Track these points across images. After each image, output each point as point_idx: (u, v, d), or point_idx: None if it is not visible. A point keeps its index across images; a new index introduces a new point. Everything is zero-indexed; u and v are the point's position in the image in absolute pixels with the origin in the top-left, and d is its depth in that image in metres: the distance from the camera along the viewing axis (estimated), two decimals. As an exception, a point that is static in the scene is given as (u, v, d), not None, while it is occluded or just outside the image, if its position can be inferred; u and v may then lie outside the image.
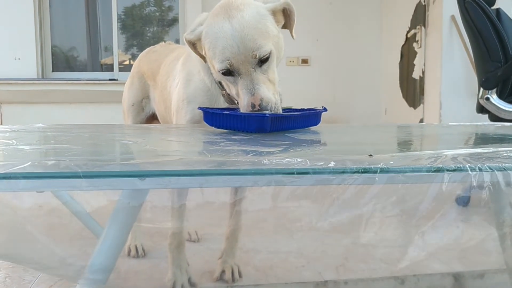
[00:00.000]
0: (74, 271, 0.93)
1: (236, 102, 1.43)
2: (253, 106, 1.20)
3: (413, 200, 0.88)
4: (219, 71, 1.26)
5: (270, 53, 1.27)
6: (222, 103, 1.47)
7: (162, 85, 1.74)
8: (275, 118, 1.17)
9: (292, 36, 1.41)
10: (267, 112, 1.18)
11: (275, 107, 1.21)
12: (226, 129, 1.24)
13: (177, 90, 1.56)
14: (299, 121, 1.27)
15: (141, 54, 2.07)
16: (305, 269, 1.83)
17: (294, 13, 1.40)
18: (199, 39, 1.33)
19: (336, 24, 5.14)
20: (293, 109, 1.34)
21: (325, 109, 1.32)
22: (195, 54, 1.49)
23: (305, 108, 1.38)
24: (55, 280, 1.64)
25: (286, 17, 1.38)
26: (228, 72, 1.26)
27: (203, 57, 1.40)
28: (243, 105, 1.22)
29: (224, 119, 1.23)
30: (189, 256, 1.69)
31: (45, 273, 1.56)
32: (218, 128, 1.25)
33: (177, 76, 1.60)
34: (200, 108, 1.29)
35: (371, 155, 0.81)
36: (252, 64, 1.24)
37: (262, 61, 1.25)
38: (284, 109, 1.29)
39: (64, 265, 0.94)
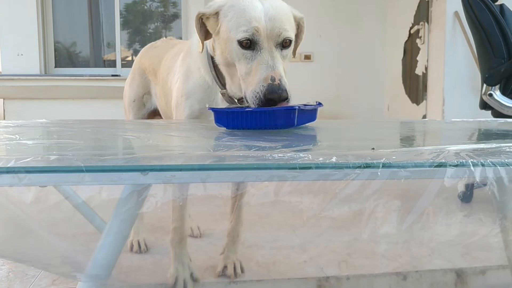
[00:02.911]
0: (77, 266, 0.94)
1: (236, 100, 1.43)
2: (273, 79, 1.17)
3: (415, 195, 0.88)
4: (240, 41, 1.23)
5: (291, 42, 1.27)
6: (221, 100, 1.46)
7: (163, 81, 1.74)
8: (301, 110, 1.14)
9: (294, 55, 1.41)
10: (296, 105, 1.14)
11: (289, 92, 1.19)
12: (245, 129, 1.14)
13: (176, 86, 1.56)
14: (309, 116, 1.26)
15: (142, 50, 2.07)
16: (307, 264, 1.84)
17: (304, 32, 1.41)
18: (216, 13, 1.31)
19: (339, 20, 5.12)
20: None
21: (320, 104, 1.30)
22: (195, 48, 1.49)
23: (297, 104, 1.34)
24: (58, 275, 1.64)
25: (296, 33, 1.38)
26: (248, 46, 1.24)
27: (204, 39, 1.37)
28: (258, 80, 1.19)
29: (245, 118, 1.13)
30: (191, 251, 1.69)
31: (47, 271, 1.56)
32: (234, 129, 1.15)
33: (177, 72, 1.60)
34: (210, 108, 1.23)
35: (373, 149, 0.81)
36: (275, 43, 1.23)
37: (284, 46, 1.26)
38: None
39: (66, 261, 0.94)
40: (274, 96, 1.16)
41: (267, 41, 1.22)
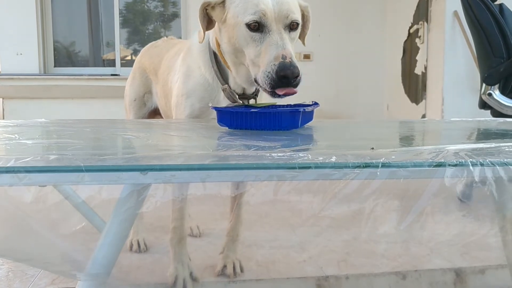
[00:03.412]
0: (77, 266, 0.94)
1: (237, 96, 1.43)
2: (284, 57, 1.18)
3: (414, 195, 0.88)
4: (248, 24, 1.24)
5: (298, 25, 1.29)
6: (222, 98, 1.47)
7: (163, 80, 1.74)
8: (304, 112, 1.16)
9: (303, 43, 1.42)
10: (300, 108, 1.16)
11: (300, 70, 1.20)
12: (248, 129, 1.15)
13: (177, 85, 1.57)
14: (308, 117, 1.26)
15: (143, 49, 2.07)
16: (306, 264, 1.84)
17: (310, 20, 1.41)
18: (223, 1, 1.32)
19: (339, 19, 5.12)
20: (277, 105, 1.29)
21: (317, 104, 1.30)
22: (195, 47, 1.49)
23: (292, 104, 1.34)
24: (57, 275, 1.64)
25: (302, 23, 1.38)
26: (256, 28, 1.24)
27: (205, 29, 1.37)
28: (268, 60, 1.20)
29: (249, 118, 1.15)
30: (190, 251, 1.69)
31: (47, 270, 1.56)
32: (237, 129, 1.16)
33: (177, 71, 1.60)
34: (214, 107, 1.23)
35: (372, 148, 0.81)
36: (283, 25, 1.25)
37: (291, 28, 1.27)
38: (270, 106, 1.26)
39: (66, 260, 0.94)
40: (287, 72, 1.17)
41: (275, 24, 1.24)
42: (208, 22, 1.38)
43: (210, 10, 1.35)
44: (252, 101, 1.47)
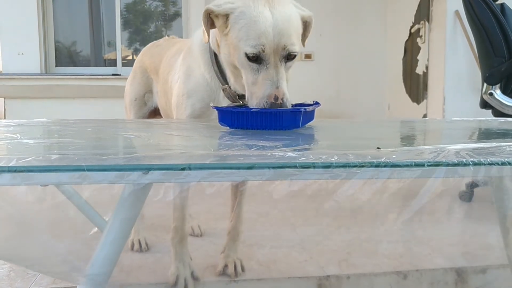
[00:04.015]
0: (78, 265, 0.94)
1: (236, 100, 1.43)
2: (276, 98, 1.20)
3: (415, 194, 0.88)
4: (247, 54, 1.25)
5: (295, 56, 1.29)
6: (222, 98, 1.47)
7: (163, 80, 1.74)
8: (305, 112, 1.17)
9: (303, 45, 1.43)
10: (301, 107, 1.18)
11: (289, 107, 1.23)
12: (249, 129, 1.16)
13: (177, 85, 1.56)
14: (310, 116, 1.26)
15: (144, 49, 2.07)
16: (308, 263, 1.84)
17: (312, 27, 1.42)
18: (227, 15, 1.30)
19: (340, 19, 5.12)
20: None
21: (318, 104, 1.30)
22: (196, 46, 1.49)
23: (293, 103, 1.34)
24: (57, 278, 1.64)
25: (304, 28, 1.39)
26: (255, 59, 1.25)
27: (209, 29, 1.37)
28: (263, 95, 1.22)
29: (250, 118, 1.16)
30: (192, 250, 1.69)
31: (47, 275, 1.56)
32: (238, 128, 1.17)
33: (178, 71, 1.60)
34: (215, 107, 1.24)
35: (379, 148, 0.81)
36: (280, 57, 1.25)
37: (288, 58, 1.27)
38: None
39: (67, 260, 0.94)
40: None
41: (273, 56, 1.24)
42: (211, 24, 1.37)
43: (213, 17, 1.35)
44: None
